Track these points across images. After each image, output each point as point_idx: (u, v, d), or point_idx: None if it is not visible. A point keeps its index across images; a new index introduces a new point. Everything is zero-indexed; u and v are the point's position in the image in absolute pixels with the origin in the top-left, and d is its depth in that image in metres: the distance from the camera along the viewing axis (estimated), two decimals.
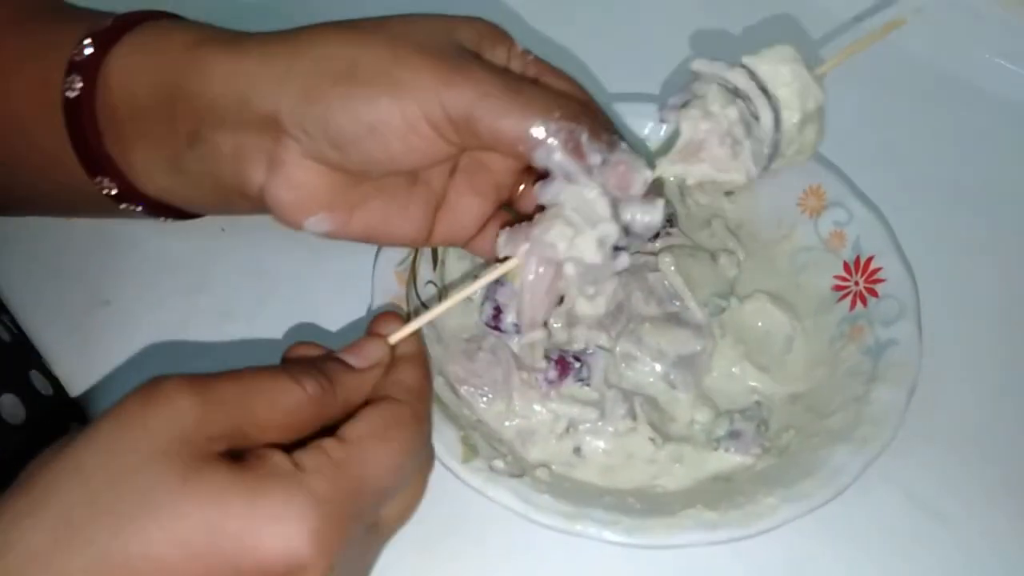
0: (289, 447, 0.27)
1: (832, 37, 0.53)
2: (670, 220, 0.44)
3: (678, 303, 0.42)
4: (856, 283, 0.42)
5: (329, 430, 0.28)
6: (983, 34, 0.55)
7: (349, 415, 0.29)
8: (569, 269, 0.34)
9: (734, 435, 0.39)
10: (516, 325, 0.42)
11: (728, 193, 0.47)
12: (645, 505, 0.36)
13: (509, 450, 0.38)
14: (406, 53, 0.30)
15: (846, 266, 0.43)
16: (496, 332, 0.42)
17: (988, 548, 0.39)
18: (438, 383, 0.39)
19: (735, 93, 0.34)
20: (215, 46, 0.33)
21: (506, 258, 0.35)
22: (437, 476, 0.33)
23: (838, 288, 0.43)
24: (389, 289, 0.40)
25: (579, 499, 0.35)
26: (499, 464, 0.36)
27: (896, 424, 0.36)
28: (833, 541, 0.38)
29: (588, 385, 0.40)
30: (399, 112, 0.30)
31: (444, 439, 0.36)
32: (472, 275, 0.44)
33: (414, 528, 0.39)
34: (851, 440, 0.36)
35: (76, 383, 0.44)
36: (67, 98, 0.34)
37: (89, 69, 0.34)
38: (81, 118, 0.34)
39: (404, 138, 0.31)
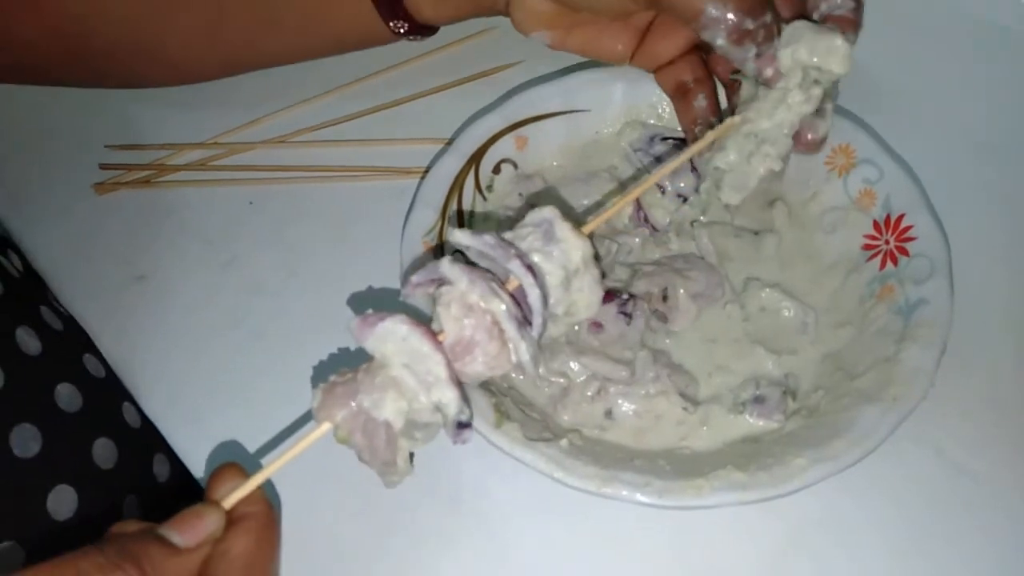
0: None
1: None
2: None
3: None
4: (887, 242, 0.41)
5: None
6: None
7: None
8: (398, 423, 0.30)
9: (759, 400, 0.39)
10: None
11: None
12: (675, 467, 0.36)
13: (541, 415, 0.39)
14: None
15: (876, 225, 0.42)
16: None
17: (1020, 506, 0.39)
18: None
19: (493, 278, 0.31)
20: None
21: None
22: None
23: (868, 247, 0.42)
24: (418, 258, 0.41)
25: (610, 462, 0.36)
26: (531, 429, 0.37)
27: (926, 384, 0.36)
28: (866, 500, 0.38)
29: (631, 317, 0.41)
30: None
31: (476, 405, 0.36)
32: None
33: (444, 490, 0.39)
34: (881, 400, 0.36)
35: (120, 362, 0.45)
36: None
37: None
38: None
39: None
